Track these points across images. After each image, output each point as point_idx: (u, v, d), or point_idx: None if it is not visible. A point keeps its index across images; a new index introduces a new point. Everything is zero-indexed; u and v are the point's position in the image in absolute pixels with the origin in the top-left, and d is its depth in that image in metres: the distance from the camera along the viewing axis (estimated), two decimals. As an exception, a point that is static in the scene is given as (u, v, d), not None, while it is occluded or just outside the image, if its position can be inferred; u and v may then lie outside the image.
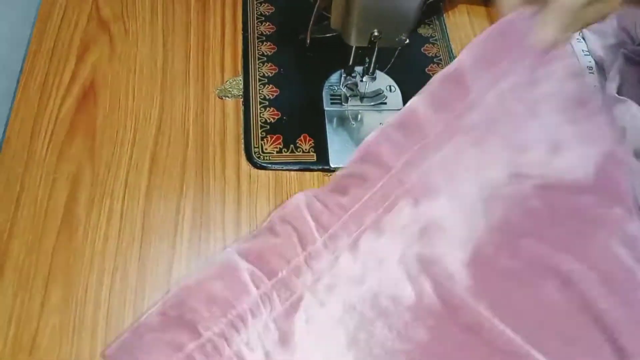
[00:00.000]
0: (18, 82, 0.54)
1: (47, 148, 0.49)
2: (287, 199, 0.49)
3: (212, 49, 0.57)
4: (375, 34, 0.44)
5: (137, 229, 0.46)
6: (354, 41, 0.46)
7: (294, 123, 0.53)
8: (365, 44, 0.46)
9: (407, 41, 0.46)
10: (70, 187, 0.48)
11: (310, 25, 0.49)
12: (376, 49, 0.48)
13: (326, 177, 0.51)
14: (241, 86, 0.55)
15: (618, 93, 0.56)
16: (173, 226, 0.47)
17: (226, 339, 0.37)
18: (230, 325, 0.38)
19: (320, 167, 0.51)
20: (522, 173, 0.43)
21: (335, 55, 0.53)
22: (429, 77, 0.58)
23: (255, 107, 0.54)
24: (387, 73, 0.56)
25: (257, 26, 0.60)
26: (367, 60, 0.51)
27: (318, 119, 0.54)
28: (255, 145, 0.51)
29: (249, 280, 0.39)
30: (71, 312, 0.42)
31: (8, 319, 0.42)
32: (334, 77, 0.56)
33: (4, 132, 0.51)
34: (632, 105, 0.55)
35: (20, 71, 0.54)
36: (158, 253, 0.45)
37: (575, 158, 0.43)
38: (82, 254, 0.45)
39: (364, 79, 0.53)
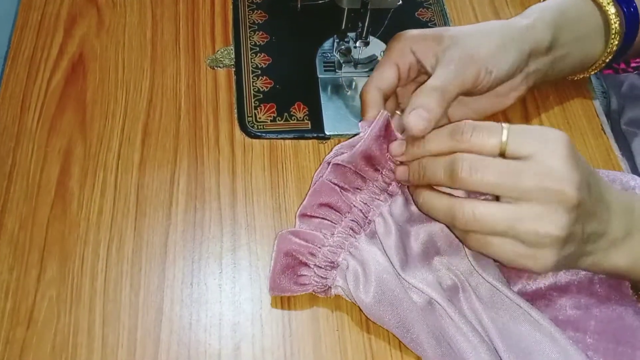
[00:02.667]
0: (6, 57, 0.53)
1: (38, 122, 0.49)
2: (282, 167, 0.49)
3: (202, 18, 0.56)
4: (367, -6, 0.43)
5: (132, 200, 0.46)
6: (345, 3, 0.45)
7: (287, 91, 0.52)
8: (357, 6, 0.45)
9: (400, 2, 0.45)
10: (63, 161, 0.47)
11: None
12: (369, 12, 0.47)
13: (321, 145, 0.50)
14: (232, 55, 0.54)
15: None
16: (168, 197, 0.46)
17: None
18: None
19: (315, 135, 0.50)
20: None
21: (327, 21, 0.52)
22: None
23: (247, 76, 0.53)
24: (381, 38, 0.55)
25: (247, -6, 0.59)
26: (360, 25, 0.50)
27: (312, 87, 0.53)
28: (249, 115, 0.51)
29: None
30: (67, 285, 0.42)
31: (4, 293, 0.41)
32: (327, 44, 0.55)
33: (-7, 107, 0.50)
34: (629, 73, 0.55)
35: (8, 46, 0.53)
36: (153, 224, 0.45)
37: None
38: (76, 226, 0.44)
39: (357, 45, 0.52)
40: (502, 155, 0.36)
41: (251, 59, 0.54)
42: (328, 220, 0.42)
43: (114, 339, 0.40)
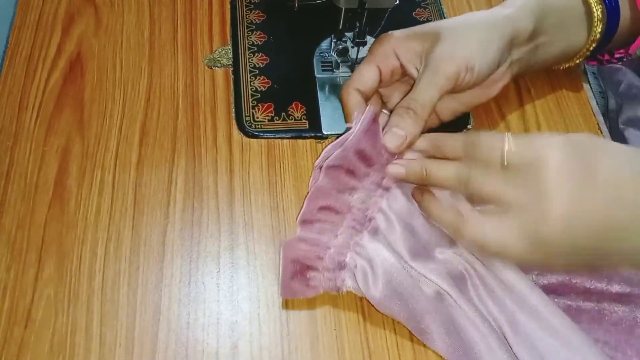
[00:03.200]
0: (3, 56, 0.53)
1: (36, 121, 0.49)
2: (280, 167, 0.49)
3: (200, 18, 0.56)
4: (365, -6, 0.44)
5: (129, 199, 0.46)
6: (343, 2, 0.45)
7: (285, 91, 0.53)
8: (354, 5, 0.45)
9: (397, 2, 0.45)
10: (61, 160, 0.47)
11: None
12: (366, 12, 0.47)
13: (319, 144, 0.50)
14: (230, 55, 0.54)
15: None
16: (165, 196, 0.46)
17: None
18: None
19: (313, 135, 0.50)
20: None
21: (325, 21, 0.52)
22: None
23: (245, 76, 0.53)
24: (378, 38, 0.55)
25: (245, -6, 0.59)
26: (358, 24, 0.50)
27: (309, 86, 0.53)
28: (247, 114, 0.51)
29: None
30: (65, 284, 0.42)
31: (2, 293, 0.41)
32: (324, 44, 0.55)
33: (-9, 106, 0.50)
34: (627, 72, 0.55)
35: (6, 45, 0.53)
36: (151, 223, 0.45)
37: None
38: (74, 225, 0.44)
39: (355, 44, 0.52)
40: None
41: (249, 58, 0.54)
42: (329, 222, 0.42)
43: (112, 338, 0.40)
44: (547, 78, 0.55)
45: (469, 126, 0.52)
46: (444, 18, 0.59)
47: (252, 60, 0.54)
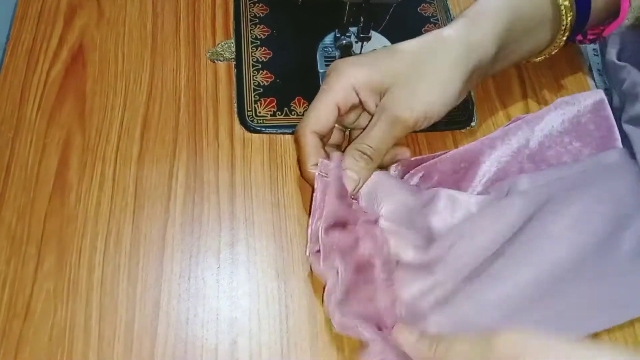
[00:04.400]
0: (5, 47, 0.52)
1: (37, 113, 0.49)
2: (282, 162, 0.48)
3: (203, 11, 0.56)
4: (369, -12, 0.43)
5: (130, 193, 0.46)
6: (347, -3, 0.44)
7: (288, 86, 0.52)
8: (359, 0, 0.44)
9: (402, -3, 0.45)
10: (61, 152, 0.47)
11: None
12: (370, 7, 0.47)
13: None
14: (233, 49, 0.54)
15: (618, 59, 0.54)
16: (166, 190, 0.46)
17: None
18: None
19: (315, 130, 0.50)
20: None
21: (329, 16, 0.52)
22: (425, 37, 0.57)
23: (248, 70, 0.53)
24: (383, 34, 0.55)
25: (248, -13, 0.58)
26: (362, 19, 0.49)
27: (312, 82, 0.53)
28: (249, 109, 0.50)
29: None
30: (65, 277, 0.42)
31: (1, 285, 0.41)
32: (328, 39, 0.55)
33: (-8, 98, 0.50)
34: (631, 70, 0.54)
35: (7, 37, 0.53)
36: (151, 217, 0.45)
37: None
38: (74, 219, 0.44)
39: (358, 39, 0.51)
40: None
41: (252, 52, 0.54)
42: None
43: (111, 333, 0.40)
44: (552, 75, 0.55)
45: (473, 123, 0.52)
46: (449, 13, 0.58)
47: (255, 54, 0.54)
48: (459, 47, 0.43)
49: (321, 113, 0.43)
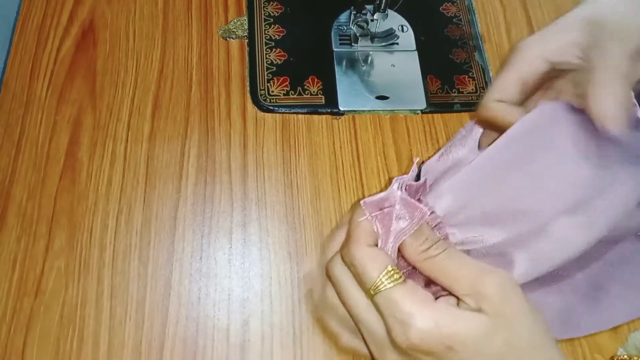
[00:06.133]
0: (15, 23, 0.52)
1: (47, 90, 0.48)
2: (295, 142, 0.47)
3: (215, -13, 0.55)
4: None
5: (141, 172, 0.45)
6: (364, -28, 0.43)
7: (301, 64, 0.51)
8: (376, -24, 0.43)
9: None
10: (72, 130, 0.46)
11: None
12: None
13: (335, 120, 0.49)
14: (246, 26, 0.53)
15: None
16: (178, 170, 0.45)
17: None
18: None
19: (329, 110, 0.49)
20: None
21: (344, -8, 0.51)
22: (443, 16, 0.56)
23: (260, 48, 0.52)
24: (399, 12, 0.54)
25: (262, -36, 0.57)
26: (379, -4, 0.48)
27: (326, 61, 0.51)
28: (262, 88, 0.49)
29: None
30: (76, 256, 0.41)
31: (12, 263, 0.41)
32: (343, 17, 0.54)
33: (2, 74, 0.49)
34: None
35: (17, 12, 0.52)
36: (163, 196, 0.44)
37: None
38: (85, 197, 0.44)
39: (375, 17, 0.50)
40: None
41: (265, 30, 0.53)
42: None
43: (122, 311, 0.39)
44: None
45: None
46: (474, 14, 0.56)
47: (268, 32, 0.53)
48: None
49: (505, 85, 0.39)
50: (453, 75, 0.52)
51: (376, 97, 0.50)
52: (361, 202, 0.33)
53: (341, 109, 0.49)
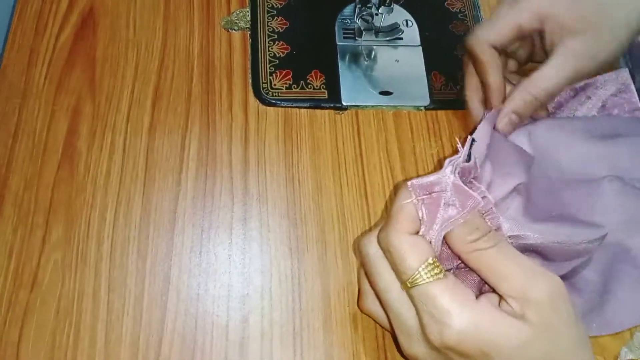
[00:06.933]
0: (13, 9, 0.51)
1: (45, 78, 0.47)
2: (297, 137, 0.47)
3: (218, -23, 0.54)
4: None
5: (141, 164, 0.44)
6: (371, -34, 0.42)
7: (304, 58, 0.50)
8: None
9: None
10: (70, 120, 0.45)
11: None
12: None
13: (337, 115, 0.48)
14: (248, 18, 0.52)
15: None
16: (178, 163, 0.45)
17: None
18: None
19: (332, 105, 0.48)
20: None
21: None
22: (448, 12, 0.55)
23: (263, 41, 0.51)
24: (404, 6, 0.53)
25: (265, -46, 0.56)
26: (384, -10, 0.47)
27: (330, 54, 0.51)
28: (264, 81, 0.49)
29: None
30: (73, 248, 0.41)
31: (8, 254, 0.40)
32: (347, 10, 0.53)
33: (0, 61, 0.48)
34: None
35: (15, -2, 0.51)
36: (162, 190, 0.43)
37: None
38: (83, 189, 0.43)
39: (380, 11, 0.49)
40: None
41: (268, 22, 0.52)
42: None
43: (120, 306, 0.39)
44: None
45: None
46: (479, 9, 0.55)
47: (271, 24, 0.52)
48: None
49: (500, 25, 0.39)
50: (457, 71, 0.51)
51: (379, 92, 0.49)
52: (408, 183, 0.31)
53: (344, 103, 0.48)
